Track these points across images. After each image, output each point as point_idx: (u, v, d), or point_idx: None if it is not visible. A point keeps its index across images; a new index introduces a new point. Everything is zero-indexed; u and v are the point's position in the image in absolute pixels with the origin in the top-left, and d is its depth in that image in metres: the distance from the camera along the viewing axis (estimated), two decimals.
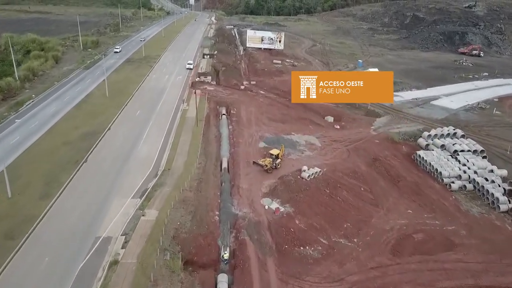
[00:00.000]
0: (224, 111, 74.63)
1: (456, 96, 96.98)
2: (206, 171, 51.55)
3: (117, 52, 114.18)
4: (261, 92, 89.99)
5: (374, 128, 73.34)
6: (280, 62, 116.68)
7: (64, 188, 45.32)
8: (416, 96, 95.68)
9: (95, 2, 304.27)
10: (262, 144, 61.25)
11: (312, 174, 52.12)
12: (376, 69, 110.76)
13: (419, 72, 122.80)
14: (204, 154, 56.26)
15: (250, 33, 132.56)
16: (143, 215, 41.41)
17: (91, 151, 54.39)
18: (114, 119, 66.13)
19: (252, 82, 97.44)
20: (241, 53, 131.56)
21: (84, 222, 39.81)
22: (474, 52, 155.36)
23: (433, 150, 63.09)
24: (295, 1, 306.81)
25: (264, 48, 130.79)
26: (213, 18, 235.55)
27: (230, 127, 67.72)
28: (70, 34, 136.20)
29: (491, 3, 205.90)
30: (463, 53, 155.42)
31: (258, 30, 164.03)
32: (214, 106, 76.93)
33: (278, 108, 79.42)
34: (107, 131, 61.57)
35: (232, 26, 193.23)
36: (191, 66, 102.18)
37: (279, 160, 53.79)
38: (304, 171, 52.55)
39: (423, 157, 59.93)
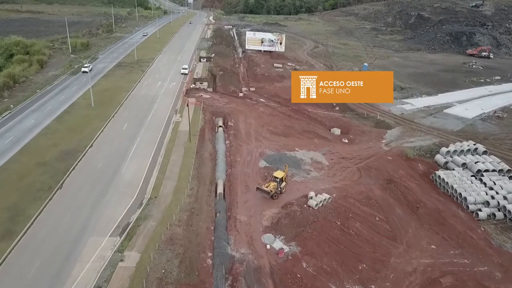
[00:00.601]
0: (220, 123, 68.03)
1: (470, 103, 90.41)
2: (198, 199, 44.86)
3: (85, 71, 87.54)
4: (261, 100, 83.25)
5: (386, 142, 66.67)
6: (281, 65, 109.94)
7: (31, 224, 38.64)
8: (427, 103, 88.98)
9: (91, 1, 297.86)
10: (262, 163, 54.56)
11: (321, 201, 45.46)
12: None
13: (428, 76, 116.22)
14: (197, 177, 49.54)
15: (249, 34, 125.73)
16: (121, 260, 34.77)
17: (68, 175, 47.67)
18: (98, 134, 59.38)
19: (251, 89, 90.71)
20: (240, 55, 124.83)
21: (49, 271, 33.14)
22: (483, 53, 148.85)
23: (453, 169, 56.45)
24: (296, 0, 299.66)
25: (264, 51, 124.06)
26: (211, 18, 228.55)
27: (227, 142, 61.06)
28: (60, 35, 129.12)
29: (499, 2, 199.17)
30: (472, 55, 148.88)
31: (257, 30, 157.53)
32: (210, 117, 70.22)
33: (280, 119, 72.70)
34: (89, 148, 54.85)
35: (231, 26, 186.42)
36: (186, 71, 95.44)
37: (284, 183, 47.17)
38: (311, 198, 45.90)
39: (443, 179, 53.25)
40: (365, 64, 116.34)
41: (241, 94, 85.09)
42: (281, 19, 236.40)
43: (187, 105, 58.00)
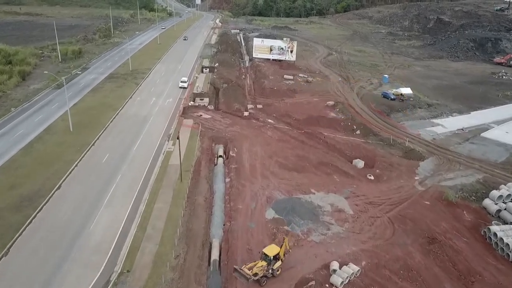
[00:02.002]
0: (221, 152, 57.19)
1: (510, 125, 78.29)
2: (185, 274, 33.92)
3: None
4: (269, 121, 72.10)
5: (420, 179, 55.16)
6: (292, 77, 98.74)
7: None
8: (460, 124, 77.13)
9: (97, 2, 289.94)
10: (270, 213, 43.47)
11: (347, 277, 34.25)
12: (409, 89, 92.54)
13: (455, 89, 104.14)
14: (186, 236, 38.59)
15: (257, 41, 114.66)
16: None
17: (20, 234, 37.04)
18: (70, 170, 48.77)
19: (258, 106, 79.67)
20: (247, 64, 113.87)
21: None
22: None
23: (511, 223, 44.88)
24: (306, 1, 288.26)
25: (273, 59, 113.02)
26: (217, 21, 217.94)
27: (227, 179, 50.09)
28: (52, 41, 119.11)
29: None
30: (499, 63, 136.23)
31: (266, 36, 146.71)
32: (208, 144, 59.35)
33: (292, 147, 61.47)
34: (55, 191, 44.24)
35: (238, 31, 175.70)
36: (185, 85, 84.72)
37: (279, 262, 34.22)
38: (335, 271, 34.70)
39: (501, 238, 41.66)
40: (385, 75, 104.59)
41: (246, 114, 74.05)
42: (291, 22, 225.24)
43: (178, 138, 47.13)
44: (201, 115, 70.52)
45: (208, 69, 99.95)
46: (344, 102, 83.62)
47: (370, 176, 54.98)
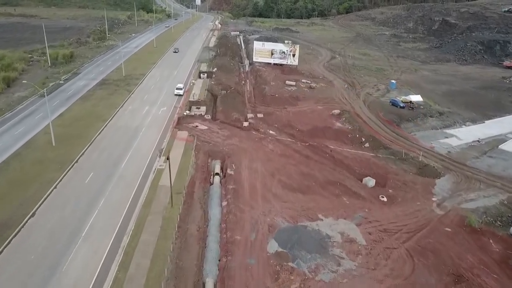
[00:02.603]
0: (217, 169, 51.91)
1: None
2: None
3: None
4: (271, 132, 66.80)
5: (437, 200, 49.85)
6: (294, 83, 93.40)
7: None
8: (476, 135, 71.91)
9: (97, 3, 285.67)
10: (273, 246, 38.15)
11: None
12: (419, 96, 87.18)
13: (466, 95, 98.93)
14: (175, 276, 33.26)
15: (257, 45, 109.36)
16: None
17: None
18: (47, 193, 43.44)
19: (258, 115, 74.34)
20: (247, 69, 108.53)
21: None
22: None
23: None
24: (307, 3, 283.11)
25: (274, 64, 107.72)
26: (217, 22, 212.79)
27: (224, 203, 44.77)
28: (43, 44, 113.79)
29: None
30: (509, 67, 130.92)
31: (267, 39, 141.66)
32: (203, 160, 54.03)
33: (295, 162, 56.13)
34: (28, 219, 38.92)
35: (238, 33, 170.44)
36: (181, 92, 79.41)
37: None
38: None
39: None
40: (393, 81, 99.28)
41: (245, 124, 68.74)
42: (292, 24, 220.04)
43: (168, 158, 41.80)
44: (197, 126, 65.19)
45: (205, 75, 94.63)
46: (350, 111, 78.30)
47: (383, 197, 49.62)
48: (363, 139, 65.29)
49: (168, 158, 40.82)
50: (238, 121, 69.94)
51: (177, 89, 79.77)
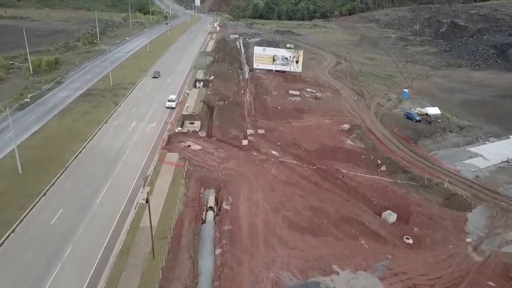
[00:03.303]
0: (211, 201, 44.16)
1: None
2: None
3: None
4: (274, 152, 58.90)
5: (472, 241, 42.00)
6: (298, 93, 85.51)
7: None
8: (503, 154, 64.25)
9: (93, 4, 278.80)
10: None
11: None
12: (436, 108, 79.31)
13: (485, 105, 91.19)
14: None
15: (257, 50, 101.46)
16: None
17: None
18: (2, 239, 35.55)
19: (259, 131, 66.45)
20: (246, 76, 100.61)
21: None
22: None
23: None
24: (309, 4, 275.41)
25: (276, 70, 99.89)
26: (216, 24, 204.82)
27: (218, 251, 36.84)
28: (28, 49, 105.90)
29: None
30: None
31: (268, 42, 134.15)
32: (195, 190, 46.19)
33: (303, 193, 48.14)
34: None
35: (237, 36, 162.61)
36: (173, 104, 71.56)
37: None
38: None
39: None
40: (405, 90, 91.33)
41: (245, 142, 60.81)
42: (294, 26, 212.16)
43: (147, 201, 33.82)
44: (189, 146, 57.31)
45: (202, 83, 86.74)
46: (361, 125, 70.42)
47: (408, 238, 41.74)
48: (379, 161, 57.35)
49: (147, 202, 32.81)
50: (236, 138, 62.06)
51: (169, 101, 71.93)
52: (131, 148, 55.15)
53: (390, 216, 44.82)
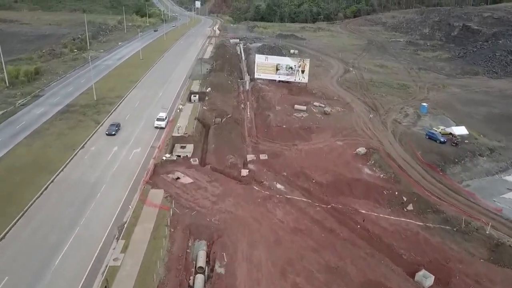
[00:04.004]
0: (201, 261, 34.99)
1: None
2: None
3: None
4: (279, 186, 49.67)
5: None
6: (304, 107, 76.36)
7: None
8: None
9: (92, 5, 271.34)
10: None
11: None
12: (463, 128, 70.06)
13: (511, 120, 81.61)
14: None
15: (259, 59, 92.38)
16: None
17: None
18: None
19: (261, 156, 57.22)
20: (247, 86, 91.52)
21: None
22: None
23: None
24: (312, 6, 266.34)
25: (279, 81, 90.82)
26: (216, 28, 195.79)
27: None
28: (10, 56, 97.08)
29: None
30: None
31: (271, 47, 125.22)
32: (181, 243, 37.06)
33: (317, 246, 38.72)
34: None
35: (238, 40, 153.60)
36: (163, 124, 62.45)
37: None
38: None
39: None
40: (424, 104, 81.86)
41: (244, 172, 51.63)
42: (297, 29, 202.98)
43: (107, 283, 24.85)
44: (178, 179, 48.17)
45: (197, 96, 77.70)
46: (379, 148, 61.19)
47: None
48: (404, 199, 48.07)
49: (107, 282, 23.68)
50: (234, 167, 52.90)
51: (158, 119, 62.81)
52: (108, 183, 46.00)
53: (426, 280, 35.51)
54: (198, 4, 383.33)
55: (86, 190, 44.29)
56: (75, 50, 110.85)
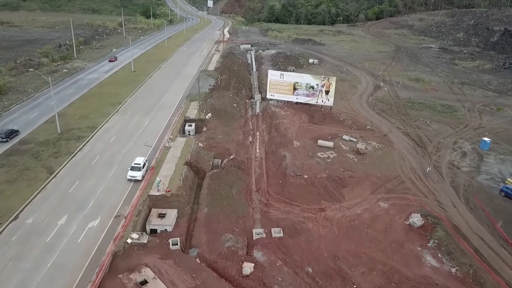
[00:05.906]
0: None
1: None
2: None
3: None
4: None
5: None
6: (331, 144, 58.49)
7: None
8: None
9: (103, 5, 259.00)
10: None
11: None
12: None
13: None
14: None
15: (273, 76, 74.67)
16: None
17: None
18: None
19: (274, 232, 39.47)
20: (257, 109, 74.07)
21: None
22: None
23: None
24: (331, 6, 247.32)
25: (297, 103, 73.22)
26: (226, 31, 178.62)
27: None
28: None
29: None
30: None
31: (286, 56, 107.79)
32: None
33: None
34: None
35: (250, 46, 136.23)
36: (139, 175, 45.24)
37: None
38: None
39: None
40: (486, 139, 63.18)
41: (247, 269, 34.08)
42: (315, 33, 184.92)
43: None
44: (144, 284, 30.88)
45: (193, 126, 60.61)
46: (440, 217, 43.03)
47: None
48: None
49: None
50: (233, 256, 35.46)
51: (132, 168, 45.60)
52: None
53: None
54: (210, 3, 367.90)
55: None
56: (57, 60, 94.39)
